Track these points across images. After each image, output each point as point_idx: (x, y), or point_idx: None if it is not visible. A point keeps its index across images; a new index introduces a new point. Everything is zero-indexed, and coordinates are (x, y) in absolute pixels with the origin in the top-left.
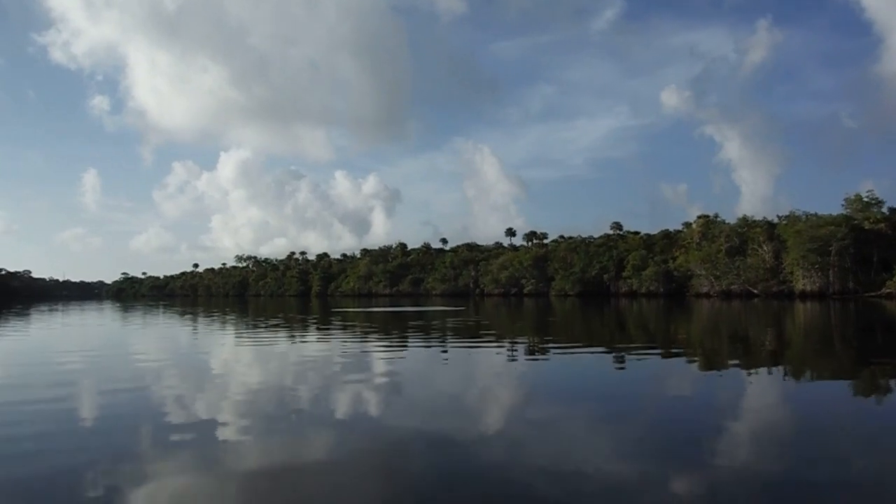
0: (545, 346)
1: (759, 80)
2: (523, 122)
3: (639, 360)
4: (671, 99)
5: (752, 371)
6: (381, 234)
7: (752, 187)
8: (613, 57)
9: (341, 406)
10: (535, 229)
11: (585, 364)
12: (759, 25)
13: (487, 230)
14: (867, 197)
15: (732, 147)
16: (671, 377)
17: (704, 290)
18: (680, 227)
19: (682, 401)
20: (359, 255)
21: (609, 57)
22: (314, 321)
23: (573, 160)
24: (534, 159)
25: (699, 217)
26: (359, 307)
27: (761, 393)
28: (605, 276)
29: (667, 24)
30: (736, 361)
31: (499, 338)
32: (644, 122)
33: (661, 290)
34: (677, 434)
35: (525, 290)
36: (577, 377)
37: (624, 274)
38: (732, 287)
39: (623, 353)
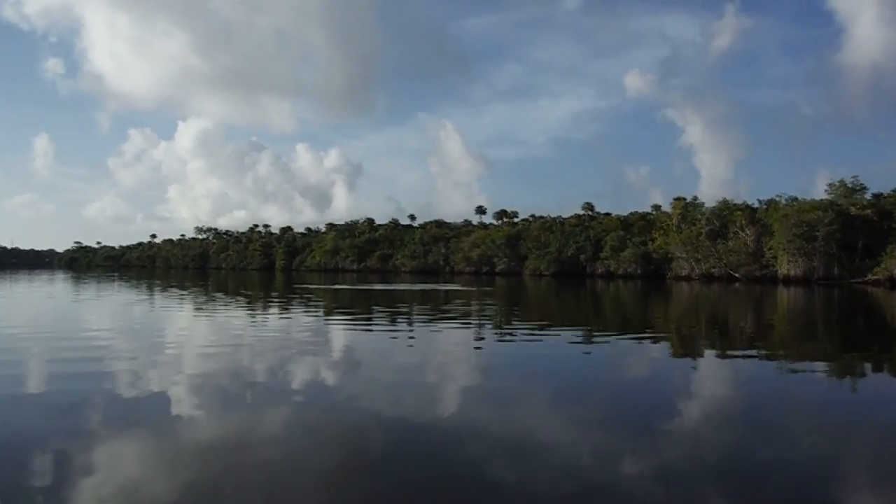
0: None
1: (724, 65)
2: (489, 100)
3: (609, 342)
4: (635, 82)
5: (724, 356)
6: (342, 208)
7: (713, 171)
8: (581, 38)
9: (298, 384)
10: (497, 208)
11: (559, 345)
12: (727, 10)
13: (450, 207)
14: (851, 183)
15: (694, 131)
16: (639, 360)
17: (685, 272)
18: (647, 210)
19: (647, 383)
20: (323, 230)
21: (577, 38)
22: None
23: (536, 140)
24: (498, 138)
25: (675, 199)
26: (333, 284)
27: (726, 377)
28: (582, 257)
29: (635, 6)
30: (709, 345)
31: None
32: (608, 104)
33: (639, 271)
34: (635, 415)
35: (497, 269)
36: (543, 358)
37: (601, 255)
38: (713, 270)
39: (599, 335)
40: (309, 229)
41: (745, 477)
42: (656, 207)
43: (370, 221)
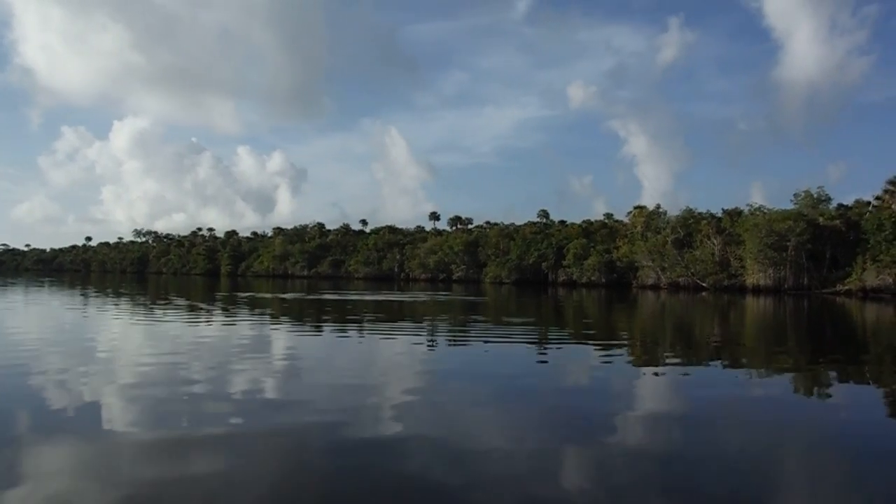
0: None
1: (667, 78)
2: (436, 107)
3: (570, 351)
4: (578, 93)
5: (681, 365)
6: (286, 213)
7: (654, 183)
8: (526, 48)
9: (237, 395)
10: (443, 214)
11: (515, 354)
12: (672, 24)
13: (396, 214)
14: (817, 193)
15: (637, 142)
16: (593, 369)
17: (651, 281)
18: (596, 218)
19: (597, 393)
20: (270, 234)
21: (522, 47)
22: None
23: (481, 148)
24: (443, 145)
25: (636, 207)
26: (282, 291)
27: (681, 387)
28: (544, 265)
29: (581, 18)
30: (671, 355)
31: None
32: (552, 114)
33: (603, 280)
34: (581, 426)
35: (454, 276)
36: (494, 366)
37: (564, 263)
38: (680, 279)
39: (558, 343)
40: (255, 234)
41: (683, 488)
42: (608, 216)
43: (320, 226)
